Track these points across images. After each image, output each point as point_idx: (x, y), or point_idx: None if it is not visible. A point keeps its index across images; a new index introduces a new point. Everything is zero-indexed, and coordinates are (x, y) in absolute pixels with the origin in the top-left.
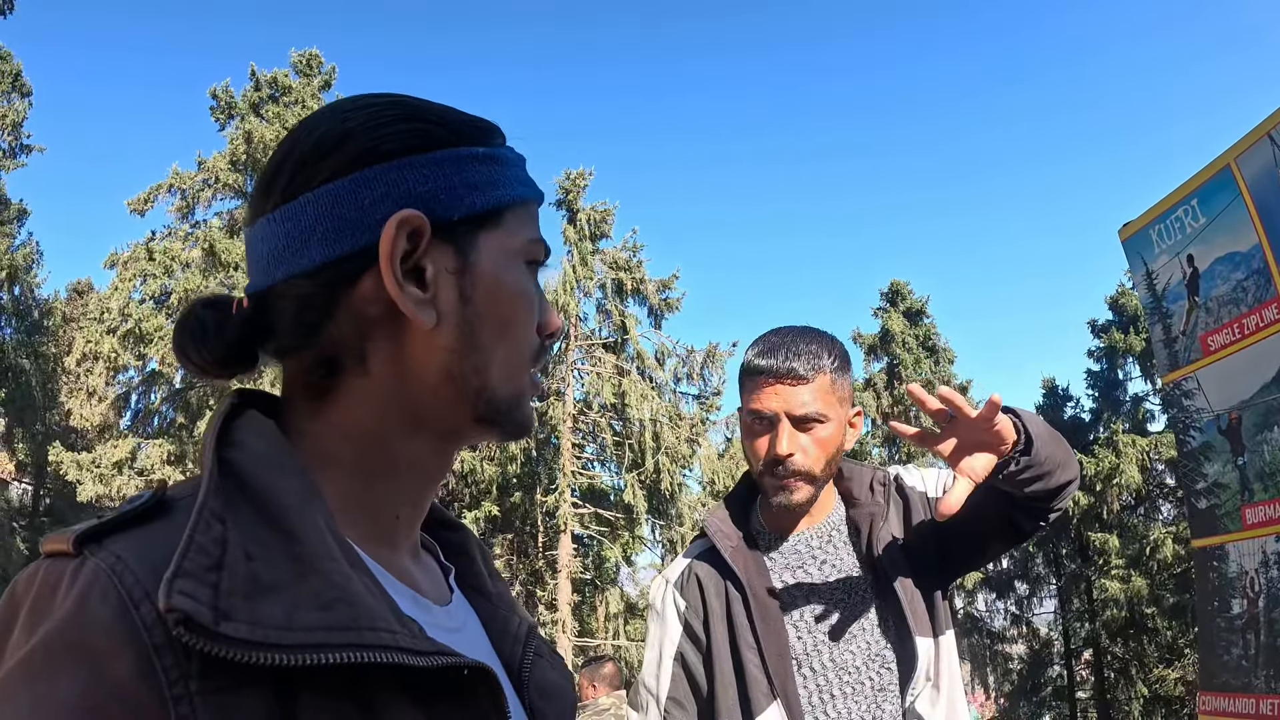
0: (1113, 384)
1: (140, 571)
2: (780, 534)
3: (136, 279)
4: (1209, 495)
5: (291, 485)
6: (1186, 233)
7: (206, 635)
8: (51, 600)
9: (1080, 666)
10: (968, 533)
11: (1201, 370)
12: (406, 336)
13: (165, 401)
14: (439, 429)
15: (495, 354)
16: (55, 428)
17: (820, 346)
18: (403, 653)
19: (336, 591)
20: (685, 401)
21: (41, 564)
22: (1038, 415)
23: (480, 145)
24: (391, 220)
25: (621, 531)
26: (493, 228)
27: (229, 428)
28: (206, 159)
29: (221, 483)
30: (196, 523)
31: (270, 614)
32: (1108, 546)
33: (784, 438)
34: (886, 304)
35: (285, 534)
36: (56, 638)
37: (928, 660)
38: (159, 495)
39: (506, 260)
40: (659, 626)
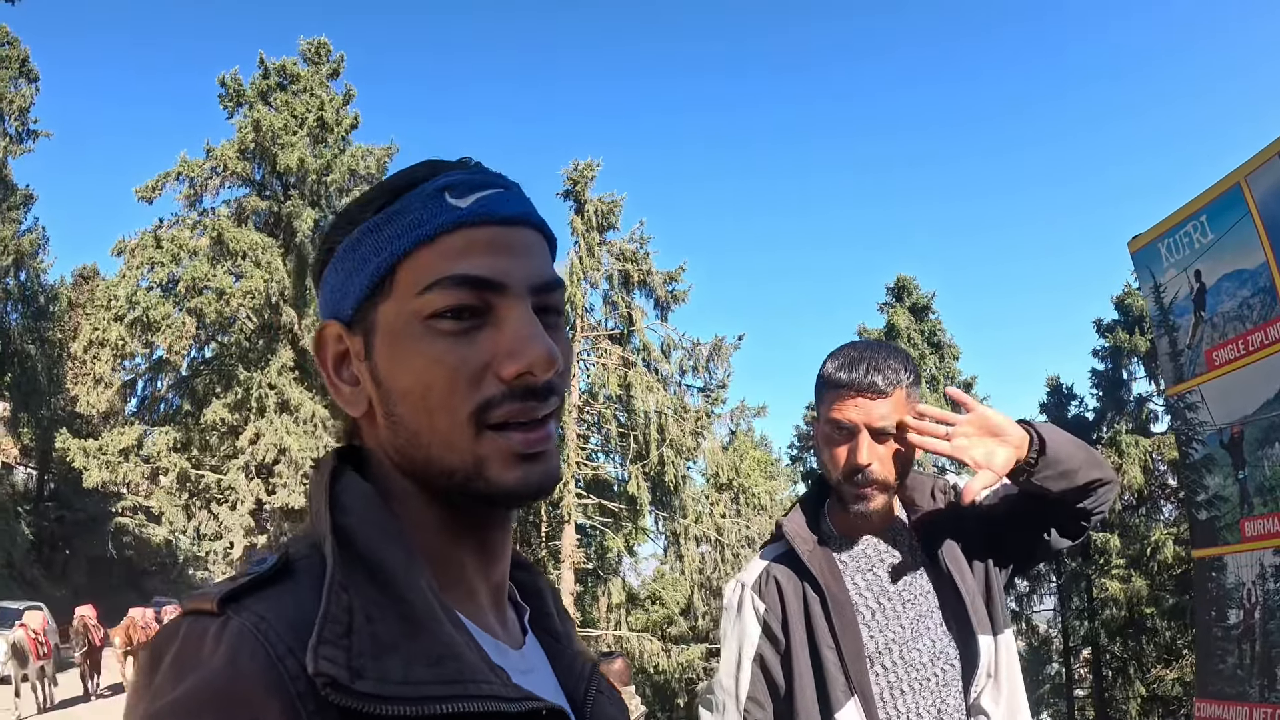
0: (1117, 384)
1: (281, 629)
2: (850, 538)
3: (144, 266)
4: (1209, 507)
5: (396, 552)
6: (1195, 248)
7: (345, 693)
8: (198, 653)
9: (1079, 665)
10: (1018, 534)
11: (1206, 384)
12: (367, 422)
13: (171, 389)
14: (439, 495)
15: (421, 425)
16: (60, 413)
17: (898, 363)
18: (498, 700)
19: (443, 649)
20: (690, 394)
21: (183, 621)
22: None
23: (372, 214)
24: (316, 336)
25: (625, 522)
26: (386, 297)
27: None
28: (215, 147)
29: (341, 554)
30: (329, 595)
31: (392, 670)
32: (1109, 546)
33: (863, 448)
34: (892, 299)
35: (396, 598)
36: (208, 686)
37: (989, 657)
38: (284, 560)
39: (400, 327)
40: (737, 629)
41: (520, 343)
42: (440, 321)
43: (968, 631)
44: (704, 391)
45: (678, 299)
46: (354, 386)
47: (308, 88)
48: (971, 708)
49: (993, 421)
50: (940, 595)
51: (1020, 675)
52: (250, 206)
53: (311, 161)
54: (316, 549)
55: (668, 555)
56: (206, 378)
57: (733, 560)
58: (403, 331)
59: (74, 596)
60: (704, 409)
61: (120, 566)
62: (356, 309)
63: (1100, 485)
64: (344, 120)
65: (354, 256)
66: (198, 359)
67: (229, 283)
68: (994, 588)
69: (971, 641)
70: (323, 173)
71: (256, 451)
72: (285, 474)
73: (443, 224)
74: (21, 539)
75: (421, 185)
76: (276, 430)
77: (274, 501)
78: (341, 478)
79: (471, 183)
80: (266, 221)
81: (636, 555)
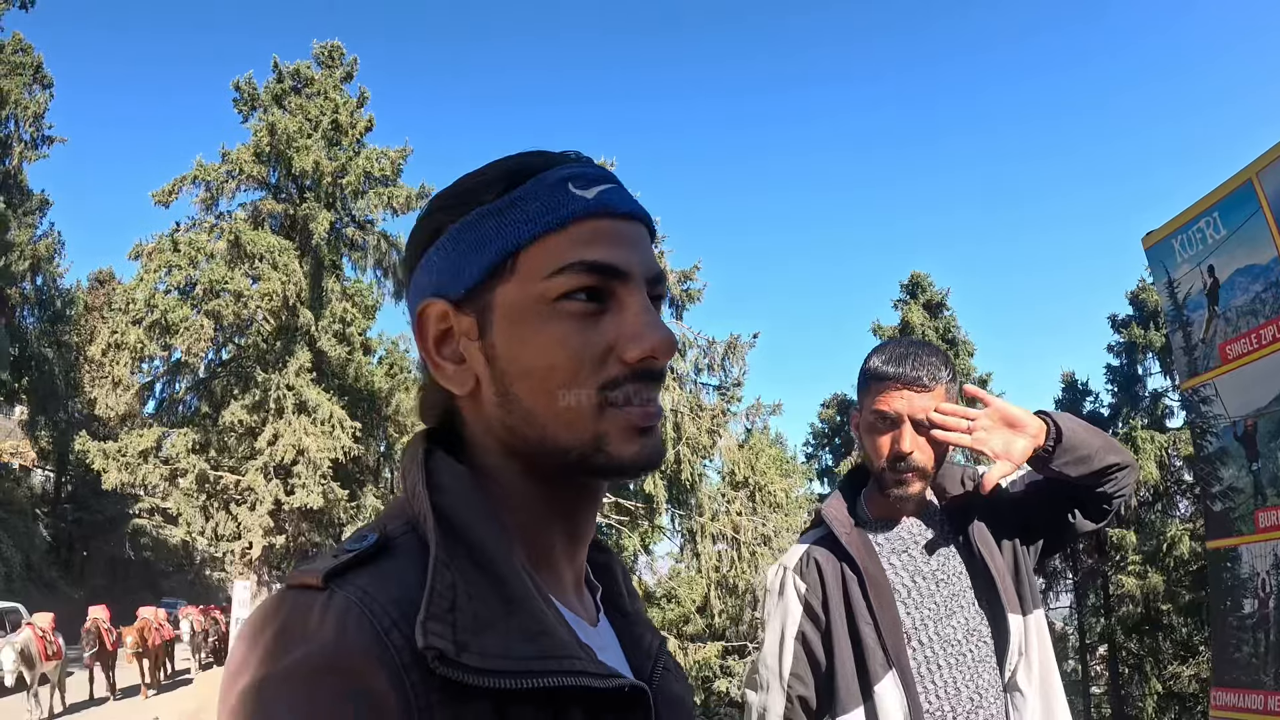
0: (1132, 379)
1: (386, 604)
2: (886, 521)
3: (161, 270)
4: (1224, 499)
5: (492, 532)
6: (1208, 244)
7: (451, 665)
8: (305, 625)
9: (1095, 662)
10: (1044, 517)
11: (1219, 378)
12: (470, 401)
13: (189, 391)
14: (543, 475)
15: (537, 404)
16: (78, 416)
17: (939, 360)
18: (589, 676)
19: (539, 626)
20: (706, 392)
21: (287, 594)
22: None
23: (490, 199)
24: (417, 312)
25: (641, 520)
26: (507, 279)
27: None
28: (230, 150)
29: (441, 535)
30: (435, 572)
31: (492, 645)
32: (1125, 542)
33: (907, 437)
34: (906, 296)
35: (494, 577)
36: (317, 656)
37: (1019, 635)
38: (383, 538)
39: (525, 307)
40: (780, 609)
41: (645, 328)
42: (568, 303)
43: (998, 610)
44: (720, 390)
45: (692, 298)
46: (458, 365)
47: (322, 91)
48: (1009, 685)
49: (1010, 413)
50: (972, 576)
51: (1053, 655)
52: (266, 209)
53: (327, 164)
54: (412, 527)
55: (684, 553)
56: (224, 379)
57: (749, 558)
58: (529, 312)
59: (91, 597)
60: (720, 407)
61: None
62: (470, 289)
63: (1118, 469)
64: (358, 123)
65: (470, 238)
66: (215, 361)
67: (246, 285)
68: (1023, 569)
69: (1002, 620)
70: (338, 175)
71: (275, 452)
72: (303, 474)
73: (572, 213)
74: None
75: (542, 174)
76: (294, 431)
77: (292, 502)
78: (433, 458)
79: (591, 176)
80: (283, 224)
81: (653, 554)
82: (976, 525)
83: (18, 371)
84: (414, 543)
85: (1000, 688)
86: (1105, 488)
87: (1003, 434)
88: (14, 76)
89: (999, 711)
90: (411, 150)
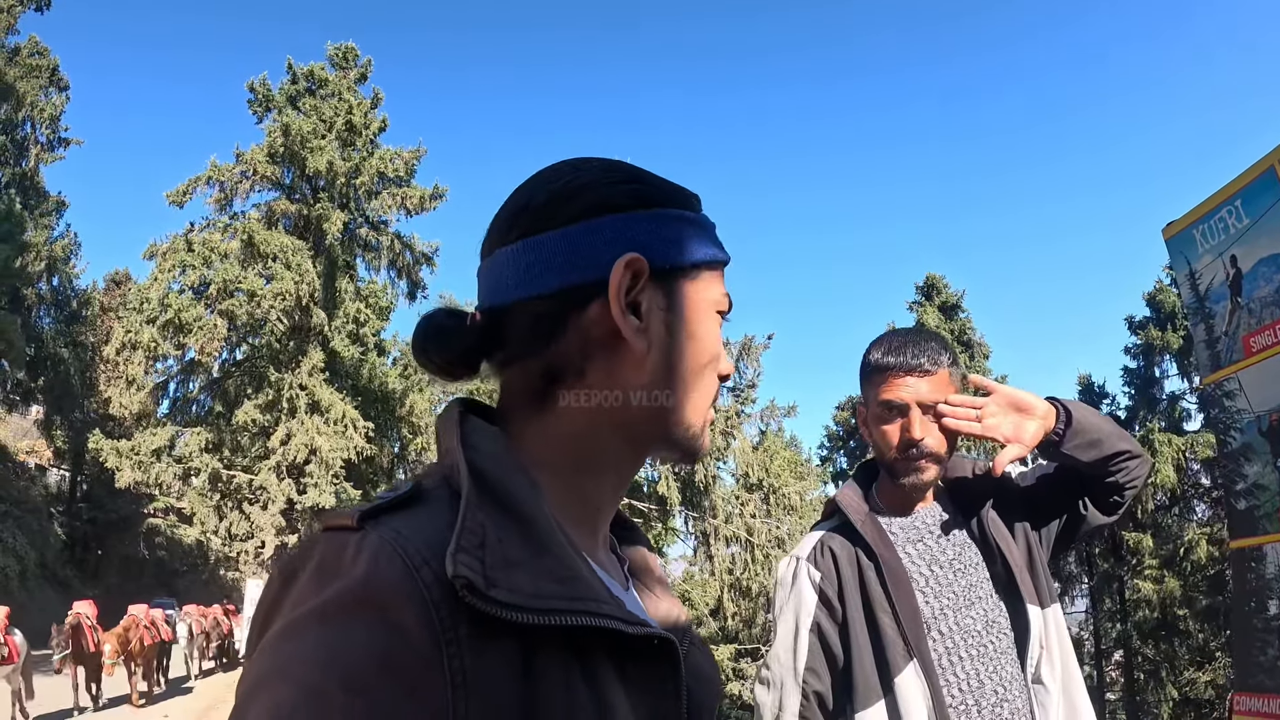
0: (1149, 382)
1: (417, 542)
2: (900, 512)
3: (176, 270)
4: (1248, 496)
5: (523, 482)
6: (1230, 233)
7: (480, 597)
8: (339, 563)
9: (1110, 667)
10: (1056, 509)
11: (1243, 371)
12: (620, 358)
13: (203, 390)
14: (635, 440)
15: (689, 386)
16: (93, 415)
17: (939, 344)
18: (619, 621)
19: (568, 570)
20: (720, 394)
21: (321, 536)
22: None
23: (685, 209)
24: (621, 260)
25: (655, 523)
26: (693, 279)
27: (464, 430)
28: (244, 151)
29: (473, 482)
30: (466, 510)
31: (521, 583)
32: (1141, 546)
33: (916, 423)
34: (921, 298)
35: (523, 522)
36: (349, 592)
37: (1039, 628)
38: (418, 486)
39: (704, 308)
40: (793, 601)
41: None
42: (718, 319)
43: (1018, 602)
44: (734, 391)
45: None
46: (638, 324)
47: (336, 92)
48: (1031, 679)
49: (1019, 398)
50: (989, 566)
51: (1072, 649)
52: (280, 209)
53: (340, 165)
54: (446, 481)
55: (697, 556)
56: (238, 379)
57: (763, 560)
58: (705, 310)
59: (106, 596)
60: (734, 409)
61: (152, 567)
62: (669, 268)
63: (1129, 457)
64: (372, 124)
65: (681, 230)
66: (229, 360)
67: (259, 285)
68: (1038, 562)
69: (1021, 612)
70: (351, 175)
71: (288, 452)
72: (316, 474)
73: (727, 258)
74: (54, 539)
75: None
76: (307, 431)
77: (305, 501)
78: (468, 421)
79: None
80: (296, 224)
81: (666, 556)
82: (990, 516)
83: (34, 371)
84: (446, 493)
85: (1023, 681)
86: (1117, 476)
87: (1012, 418)
88: (30, 79)
89: (1024, 705)
90: (425, 151)
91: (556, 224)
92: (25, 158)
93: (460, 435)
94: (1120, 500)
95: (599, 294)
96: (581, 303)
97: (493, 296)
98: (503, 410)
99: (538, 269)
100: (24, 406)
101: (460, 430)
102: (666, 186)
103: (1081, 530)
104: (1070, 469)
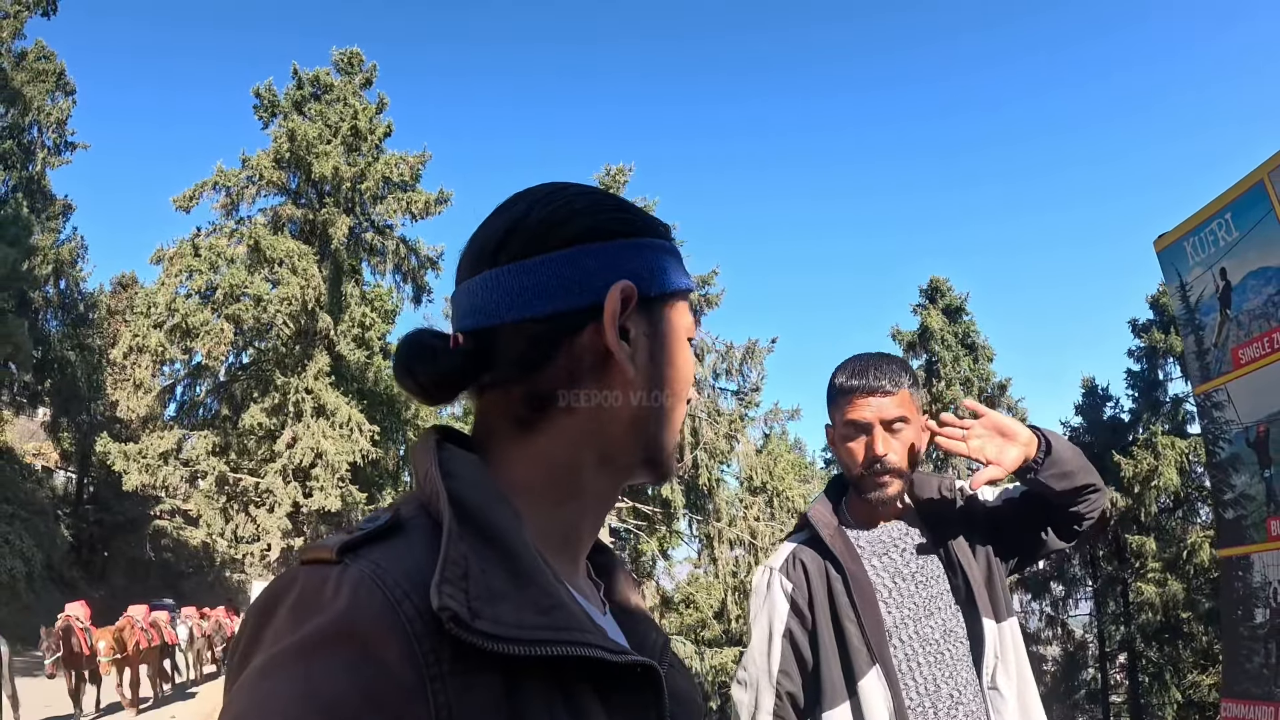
0: (1153, 384)
1: (397, 575)
2: (867, 525)
3: (183, 274)
4: (1236, 506)
5: (505, 511)
6: (1220, 246)
7: (466, 629)
8: (319, 598)
9: (1115, 670)
10: (1018, 531)
11: (1232, 383)
12: (608, 383)
13: (210, 394)
14: (618, 465)
15: (669, 408)
16: (100, 418)
17: (899, 366)
18: (603, 650)
19: (552, 600)
20: (724, 397)
21: (299, 570)
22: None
23: (665, 239)
24: (616, 286)
25: (659, 526)
26: (673, 306)
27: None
28: (250, 157)
29: (454, 512)
30: (449, 542)
31: (505, 614)
32: (1145, 549)
33: (879, 441)
34: (926, 301)
35: (505, 552)
36: (330, 627)
37: (994, 639)
38: (396, 516)
39: (681, 334)
40: (767, 608)
41: None
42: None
43: (974, 614)
44: (738, 395)
45: (711, 303)
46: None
47: (341, 97)
48: (988, 685)
49: (1004, 424)
50: (950, 579)
51: (1027, 661)
52: (286, 214)
53: (346, 170)
54: (425, 510)
55: (701, 558)
56: (244, 383)
57: None
58: (682, 336)
59: (112, 598)
60: (738, 412)
61: (158, 569)
62: (653, 296)
63: (1093, 490)
64: (377, 129)
65: (661, 259)
66: (235, 364)
67: (266, 289)
68: (996, 578)
69: (977, 623)
70: (357, 180)
71: (294, 455)
72: (322, 477)
73: (693, 287)
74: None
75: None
76: (313, 434)
77: (311, 504)
78: (445, 448)
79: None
80: (302, 229)
81: (670, 559)
82: (954, 532)
83: (41, 374)
84: (426, 523)
85: (977, 687)
86: (1080, 507)
87: (996, 442)
88: (37, 83)
89: (979, 709)
90: (430, 156)
91: (550, 248)
92: (32, 161)
93: (438, 462)
94: (1079, 529)
95: (592, 319)
96: (574, 327)
97: (478, 318)
98: (480, 436)
99: (531, 292)
100: (31, 409)
101: (438, 457)
102: (647, 216)
103: (1040, 553)
104: (1039, 495)
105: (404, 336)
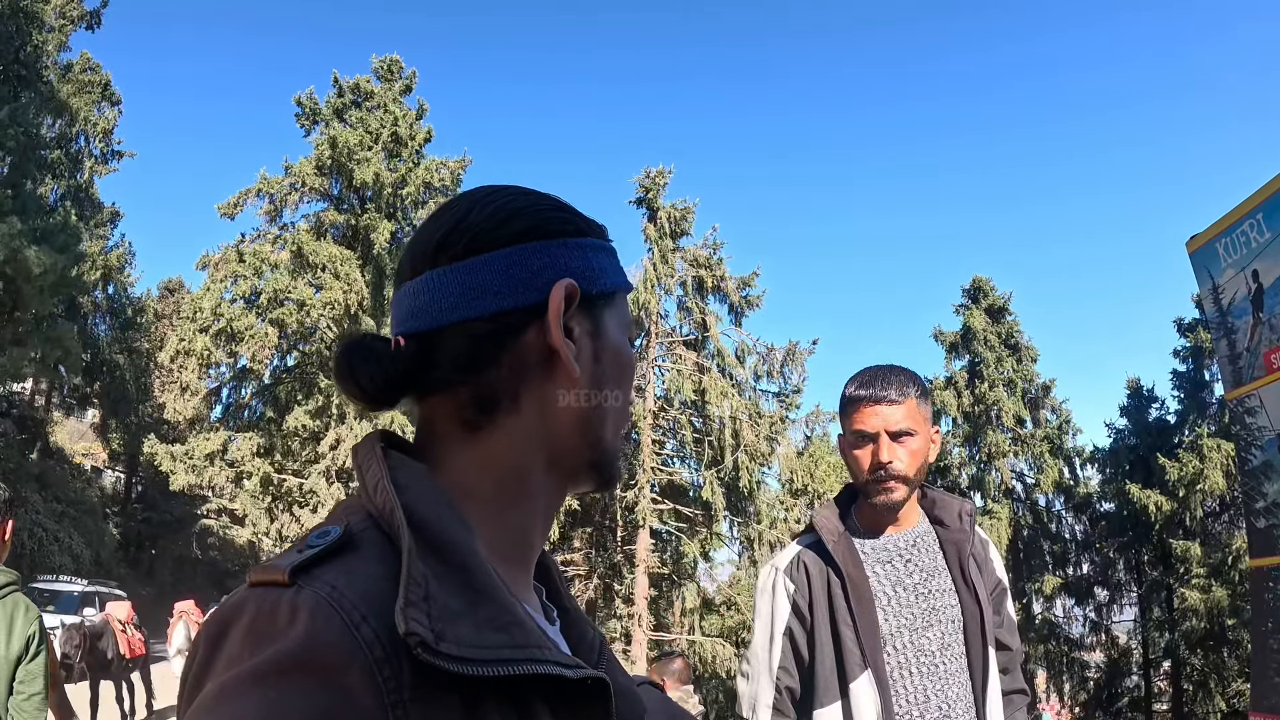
0: (1199, 385)
1: (354, 599)
2: (874, 533)
3: (227, 280)
4: (1268, 515)
5: (457, 525)
6: (1252, 247)
7: (431, 652)
8: (273, 624)
9: (1158, 677)
10: None
11: (1264, 388)
12: (553, 383)
13: (255, 396)
14: (564, 468)
15: (612, 409)
16: (148, 420)
17: (907, 377)
18: (560, 666)
19: (508, 617)
20: (765, 399)
21: (250, 593)
22: None
23: (601, 239)
24: (560, 285)
25: (700, 528)
26: (611, 305)
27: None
28: (293, 164)
29: (411, 529)
30: (409, 562)
31: (466, 635)
32: (1190, 554)
33: (884, 448)
34: (968, 301)
35: (460, 569)
36: (289, 655)
37: (994, 663)
38: (346, 533)
39: (622, 333)
40: (770, 607)
41: None
42: (631, 345)
43: (978, 635)
44: (778, 396)
45: (751, 304)
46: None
47: (381, 104)
48: (984, 707)
49: None
50: (960, 599)
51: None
52: (328, 220)
53: (387, 176)
54: (374, 522)
55: (742, 561)
56: (288, 385)
57: None
58: (624, 334)
59: (159, 595)
60: (779, 414)
61: (205, 567)
62: (594, 295)
63: None
64: (417, 135)
65: (601, 256)
66: (280, 367)
67: (309, 294)
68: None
69: (980, 645)
70: (398, 186)
71: (337, 457)
72: None
73: (630, 286)
74: (110, 539)
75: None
76: (356, 436)
77: None
78: (391, 456)
79: None
80: (344, 234)
81: (712, 560)
82: (971, 558)
83: (90, 376)
84: (377, 537)
85: (969, 703)
86: None
87: None
88: (83, 95)
89: None
90: (471, 161)
91: (491, 247)
92: (80, 170)
93: (388, 473)
94: None
95: (535, 318)
96: (518, 327)
97: (420, 321)
98: (424, 441)
99: (474, 292)
100: (81, 411)
101: (386, 467)
102: (585, 217)
103: None
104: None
105: (345, 341)
